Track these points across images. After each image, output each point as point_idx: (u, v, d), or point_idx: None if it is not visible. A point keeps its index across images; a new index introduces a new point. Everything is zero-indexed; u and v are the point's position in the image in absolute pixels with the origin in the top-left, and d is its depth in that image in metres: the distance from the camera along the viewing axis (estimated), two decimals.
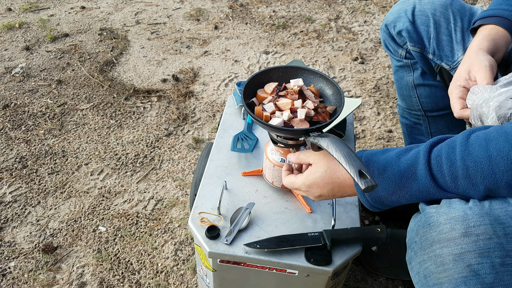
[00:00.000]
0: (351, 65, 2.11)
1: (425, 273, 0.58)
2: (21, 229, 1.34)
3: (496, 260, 0.53)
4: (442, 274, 0.56)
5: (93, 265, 1.24)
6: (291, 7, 2.66)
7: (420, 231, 0.60)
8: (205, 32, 2.39)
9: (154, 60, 2.16)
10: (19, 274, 1.22)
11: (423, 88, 1.08)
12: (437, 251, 0.57)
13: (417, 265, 0.60)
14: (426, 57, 1.00)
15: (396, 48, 1.05)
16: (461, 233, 0.55)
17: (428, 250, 0.58)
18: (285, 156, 0.86)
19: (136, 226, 1.35)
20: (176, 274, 1.21)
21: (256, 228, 0.85)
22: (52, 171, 1.54)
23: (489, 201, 0.57)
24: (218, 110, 1.82)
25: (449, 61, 0.94)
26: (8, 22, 2.45)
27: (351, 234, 0.82)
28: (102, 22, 2.49)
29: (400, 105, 1.21)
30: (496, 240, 0.53)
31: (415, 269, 0.61)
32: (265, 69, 0.88)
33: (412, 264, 0.62)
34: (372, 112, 1.81)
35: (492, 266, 0.53)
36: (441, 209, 0.59)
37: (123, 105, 1.85)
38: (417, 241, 0.61)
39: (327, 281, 0.83)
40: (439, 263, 0.56)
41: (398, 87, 1.15)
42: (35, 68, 2.08)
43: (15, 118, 1.77)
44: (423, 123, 1.16)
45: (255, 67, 2.10)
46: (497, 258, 0.53)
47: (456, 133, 0.61)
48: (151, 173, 1.53)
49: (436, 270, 0.56)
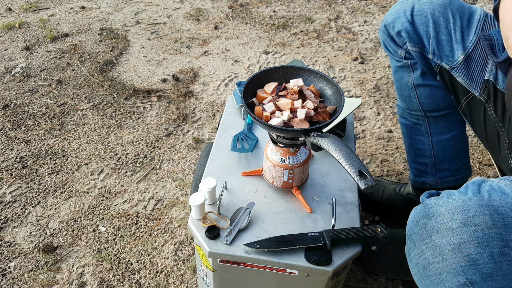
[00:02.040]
0: (351, 65, 2.11)
1: (424, 264, 0.58)
2: (21, 229, 1.34)
3: (495, 250, 0.53)
4: (441, 264, 0.56)
5: (93, 265, 1.24)
6: (291, 7, 2.66)
7: (420, 222, 0.60)
8: (205, 32, 2.39)
9: (154, 60, 2.16)
10: (19, 274, 1.22)
11: (423, 88, 1.08)
12: (436, 241, 0.57)
13: (416, 256, 0.60)
14: (426, 57, 1.00)
15: (396, 48, 1.05)
16: (460, 223, 0.56)
17: (427, 241, 0.58)
18: (285, 156, 0.86)
19: (136, 226, 1.35)
20: (176, 274, 1.21)
21: (256, 228, 0.85)
22: (52, 171, 1.54)
23: (488, 192, 0.58)
24: (218, 110, 1.82)
25: (449, 61, 0.94)
26: (8, 22, 2.45)
27: (351, 234, 0.82)
28: (102, 22, 2.49)
29: (399, 106, 1.21)
30: (495, 230, 0.54)
31: (414, 260, 0.61)
32: (265, 69, 0.88)
33: (411, 256, 0.62)
34: (372, 112, 1.81)
35: (491, 256, 0.53)
36: (440, 200, 0.59)
37: (123, 105, 1.85)
38: (417, 232, 0.61)
39: (327, 281, 0.83)
40: (438, 253, 0.56)
41: (398, 87, 1.15)
42: (35, 68, 2.08)
43: (15, 118, 1.77)
44: (423, 124, 1.16)
45: (255, 67, 2.10)
46: (496, 248, 0.53)
47: (456, 132, 0.61)
48: (151, 173, 1.53)
49: (435, 260, 0.57)
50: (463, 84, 0.93)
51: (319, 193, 0.93)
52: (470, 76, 0.90)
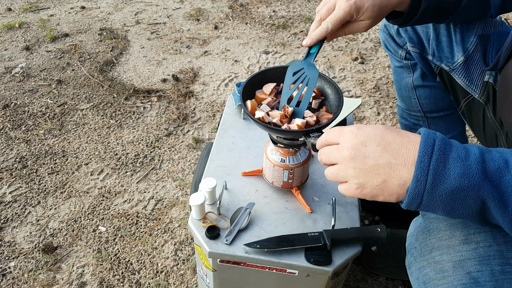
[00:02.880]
0: (351, 65, 2.11)
1: (425, 279, 0.58)
2: (21, 229, 1.34)
3: (496, 267, 0.53)
4: (442, 281, 0.55)
5: (93, 265, 1.24)
6: (291, 7, 2.66)
7: (420, 237, 0.60)
8: (205, 32, 2.39)
9: (154, 60, 2.16)
10: (19, 274, 1.22)
11: (422, 89, 1.08)
12: (437, 257, 0.56)
13: (417, 270, 0.60)
14: (426, 58, 1.00)
15: (396, 48, 1.05)
16: (461, 240, 0.55)
17: (427, 257, 0.58)
18: (285, 156, 0.86)
19: (136, 226, 1.35)
20: (176, 274, 1.22)
21: (256, 228, 0.86)
22: (52, 171, 1.54)
23: None
24: (218, 110, 1.82)
25: (449, 62, 0.94)
26: (8, 22, 2.45)
27: (351, 234, 0.82)
28: (102, 22, 2.49)
29: (399, 106, 1.21)
30: (496, 247, 0.53)
31: (414, 275, 0.61)
32: (264, 69, 0.88)
33: (412, 270, 0.61)
34: (372, 112, 1.81)
35: (492, 274, 0.52)
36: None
37: (123, 105, 1.85)
38: (417, 247, 0.60)
39: (327, 281, 0.83)
40: (438, 269, 0.56)
41: (398, 88, 1.15)
42: (35, 68, 2.08)
43: (15, 118, 1.77)
44: (423, 124, 1.16)
45: (255, 67, 2.10)
46: (497, 266, 0.53)
47: (456, 133, 0.61)
48: (151, 173, 1.53)
49: (436, 276, 0.56)
50: (463, 85, 0.93)
51: (319, 193, 0.94)
52: (470, 77, 0.90)
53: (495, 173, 0.47)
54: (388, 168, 0.50)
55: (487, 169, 0.47)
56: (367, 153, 0.51)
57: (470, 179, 0.47)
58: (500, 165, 0.47)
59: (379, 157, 0.51)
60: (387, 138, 0.51)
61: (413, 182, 0.48)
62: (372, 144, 0.51)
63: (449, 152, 0.48)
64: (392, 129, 0.53)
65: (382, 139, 0.51)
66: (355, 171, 0.52)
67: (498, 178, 0.47)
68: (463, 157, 0.48)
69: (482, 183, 0.47)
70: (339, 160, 0.54)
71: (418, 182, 0.48)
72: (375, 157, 0.51)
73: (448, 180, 0.47)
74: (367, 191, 0.52)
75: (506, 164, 0.47)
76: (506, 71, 0.68)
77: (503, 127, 0.87)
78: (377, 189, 0.52)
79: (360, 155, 0.52)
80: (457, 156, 0.48)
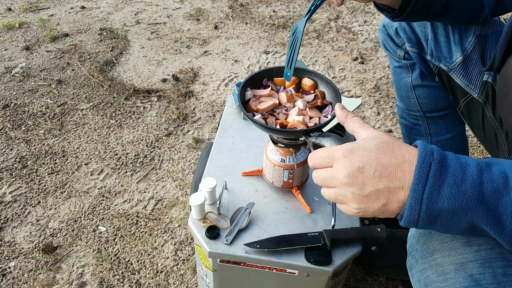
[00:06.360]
0: (351, 65, 2.11)
1: (426, 282, 0.57)
2: (21, 229, 1.34)
3: (498, 270, 0.52)
4: (443, 284, 0.55)
5: (93, 265, 1.24)
6: (291, 7, 2.66)
7: (421, 239, 0.59)
8: (205, 32, 2.39)
9: (154, 60, 2.16)
10: (19, 274, 1.22)
11: (421, 89, 1.08)
12: (439, 260, 0.56)
13: (418, 273, 0.59)
14: (425, 58, 1.00)
15: (395, 48, 1.05)
16: (462, 242, 0.55)
17: (429, 259, 0.57)
18: (285, 156, 0.86)
19: (136, 226, 1.35)
20: (176, 274, 1.22)
21: (256, 228, 0.86)
22: (52, 171, 1.54)
23: None
24: (218, 110, 1.82)
25: (447, 62, 0.94)
26: (8, 22, 2.45)
27: (351, 234, 0.82)
28: (102, 22, 2.49)
29: (399, 106, 1.21)
30: (498, 250, 0.53)
31: (415, 277, 0.60)
32: (264, 69, 0.88)
33: (413, 272, 0.61)
34: (372, 112, 1.82)
35: (494, 276, 0.52)
36: None
37: (123, 105, 1.85)
38: (418, 249, 0.60)
39: (327, 281, 0.83)
40: (440, 272, 0.56)
41: (397, 87, 1.15)
42: (35, 68, 2.08)
43: (15, 118, 1.78)
44: (422, 124, 1.16)
45: (255, 67, 2.10)
46: (499, 268, 0.53)
47: (455, 132, 0.61)
48: (151, 173, 1.53)
49: (437, 279, 0.56)
50: (462, 85, 0.93)
51: (319, 193, 0.93)
52: (469, 77, 0.90)
53: (492, 195, 0.47)
54: (387, 192, 0.50)
55: (484, 192, 0.47)
56: (365, 180, 0.51)
57: (464, 206, 0.47)
58: (499, 185, 0.47)
59: (377, 182, 0.50)
60: (383, 161, 0.51)
61: (407, 210, 0.49)
62: (369, 170, 0.51)
63: (444, 177, 0.48)
64: (385, 148, 0.52)
65: (378, 163, 0.50)
66: (354, 196, 0.52)
67: (495, 200, 0.47)
68: (459, 182, 0.47)
69: (476, 209, 0.47)
70: (335, 185, 0.54)
71: (412, 210, 0.49)
72: (374, 183, 0.50)
73: (441, 205, 0.48)
74: (368, 214, 0.53)
75: (506, 184, 0.47)
76: (505, 70, 0.68)
77: (503, 126, 0.87)
78: (379, 212, 0.52)
79: (358, 182, 0.51)
80: (453, 181, 0.47)
